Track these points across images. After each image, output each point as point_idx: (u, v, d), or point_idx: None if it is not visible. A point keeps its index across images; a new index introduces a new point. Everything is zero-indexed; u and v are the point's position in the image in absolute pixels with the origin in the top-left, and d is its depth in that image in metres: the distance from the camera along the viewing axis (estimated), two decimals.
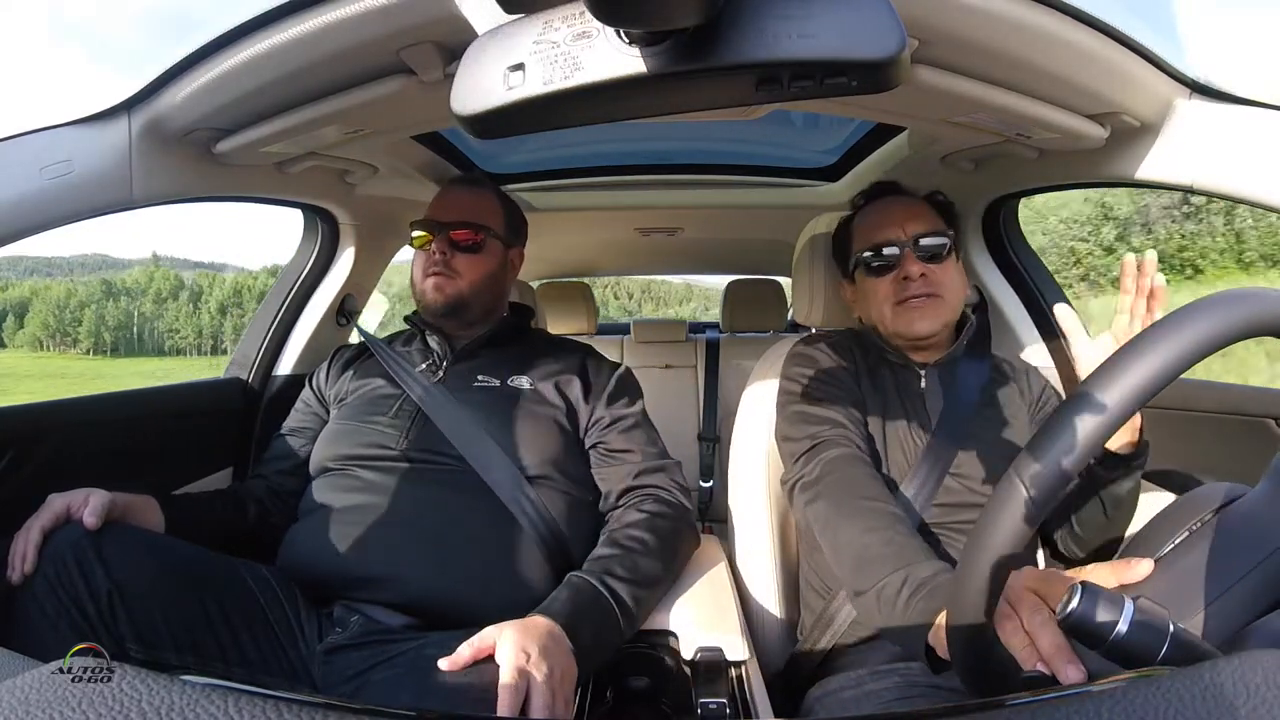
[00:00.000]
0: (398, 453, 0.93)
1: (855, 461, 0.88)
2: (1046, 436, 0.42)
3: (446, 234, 1.06)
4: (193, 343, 69.64)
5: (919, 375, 1.00)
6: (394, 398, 1.00)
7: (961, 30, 0.64)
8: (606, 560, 0.83)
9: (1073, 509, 0.88)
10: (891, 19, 0.33)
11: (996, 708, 0.34)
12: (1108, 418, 0.41)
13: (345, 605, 0.84)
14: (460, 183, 1.14)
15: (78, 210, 0.77)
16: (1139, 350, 0.41)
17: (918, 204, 1.02)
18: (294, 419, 1.10)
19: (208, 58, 0.71)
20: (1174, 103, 0.77)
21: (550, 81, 0.37)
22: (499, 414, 0.97)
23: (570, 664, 0.68)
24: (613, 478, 0.98)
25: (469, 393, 0.99)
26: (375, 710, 0.37)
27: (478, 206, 1.09)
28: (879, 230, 0.99)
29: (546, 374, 1.03)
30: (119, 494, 0.78)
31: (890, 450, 0.94)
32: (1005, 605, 0.54)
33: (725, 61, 0.35)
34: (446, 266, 1.05)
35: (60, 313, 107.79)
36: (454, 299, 1.05)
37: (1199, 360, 0.41)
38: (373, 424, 0.97)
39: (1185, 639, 0.40)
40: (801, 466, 0.91)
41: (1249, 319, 0.41)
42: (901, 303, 0.96)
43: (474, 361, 1.05)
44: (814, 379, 0.99)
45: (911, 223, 0.97)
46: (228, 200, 1.07)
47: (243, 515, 0.96)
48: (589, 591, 0.77)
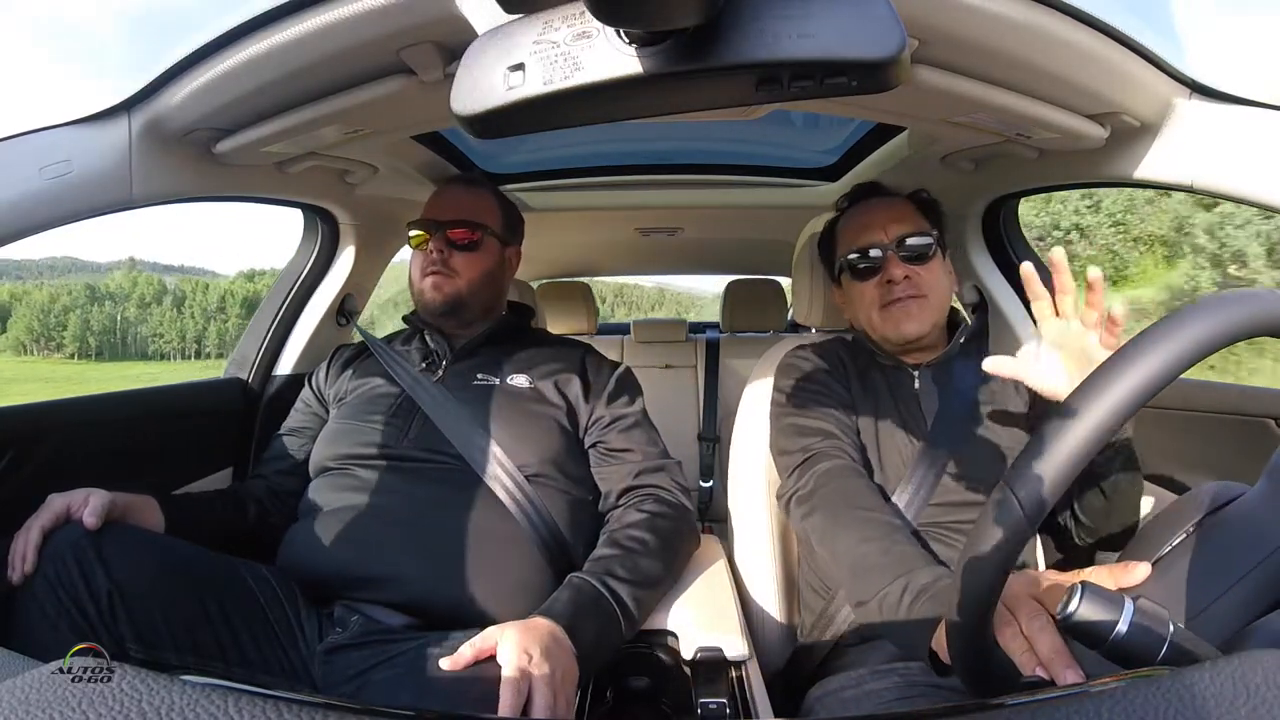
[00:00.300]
0: (397, 452, 0.93)
1: (849, 472, 0.88)
2: (1037, 447, 0.42)
3: (444, 233, 1.06)
4: (176, 347, 69.15)
5: (912, 376, 1.00)
6: (393, 396, 1.00)
7: (961, 30, 0.64)
8: (608, 561, 0.83)
9: (1073, 498, 0.87)
10: (892, 19, 0.33)
11: (996, 708, 0.34)
12: (1096, 429, 0.40)
13: (345, 605, 0.83)
14: (456, 182, 1.15)
15: (78, 210, 0.77)
16: (1129, 358, 0.41)
17: (900, 204, 1.02)
18: (293, 419, 1.10)
19: (208, 58, 0.71)
20: (1174, 103, 0.77)
21: (550, 81, 0.37)
22: (498, 413, 0.97)
23: (572, 665, 0.68)
24: (613, 477, 0.98)
25: (468, 391, 0.99)
26: (376, 710, 0.37)
27: (474, 205, 1.10)
28: (862, 233, 0.99)
29: (546, 373, 1.03)
30: (119, 494, 0.78)
31: (885, 453, 0.94)
32: (1004, 611, 0.54)
33: (725, 61, 0.35)
34: (444, 265, 1.05)
35: (45, 317, 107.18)
36: (452, 298, 1.05)
37: (1191, 366, 0.41)
38: (372, 423, 0.97)
39: (1185, 639, 0.40)
40: (796, 480, 0.91)
41: (1244, 320, 0.41)
42: (886, 306, 0.96)
43: (473, 360, 1.05)
44: (804, 389, 0.99)
45: (894, 224, 0.97)
46: (228, 200, 1.07)
47: (242, 515, 0.96)
48: (590, 592, 0.77)
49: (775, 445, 0.99)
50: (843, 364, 1.03)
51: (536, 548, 0.88)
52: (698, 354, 2.34)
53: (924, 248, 0.96)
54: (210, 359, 70.05)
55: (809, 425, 0.94)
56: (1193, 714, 0.30)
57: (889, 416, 0.96)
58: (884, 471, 0.93)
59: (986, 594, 0.43)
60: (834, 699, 0.82)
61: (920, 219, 0.99)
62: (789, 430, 0.96)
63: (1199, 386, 1.06)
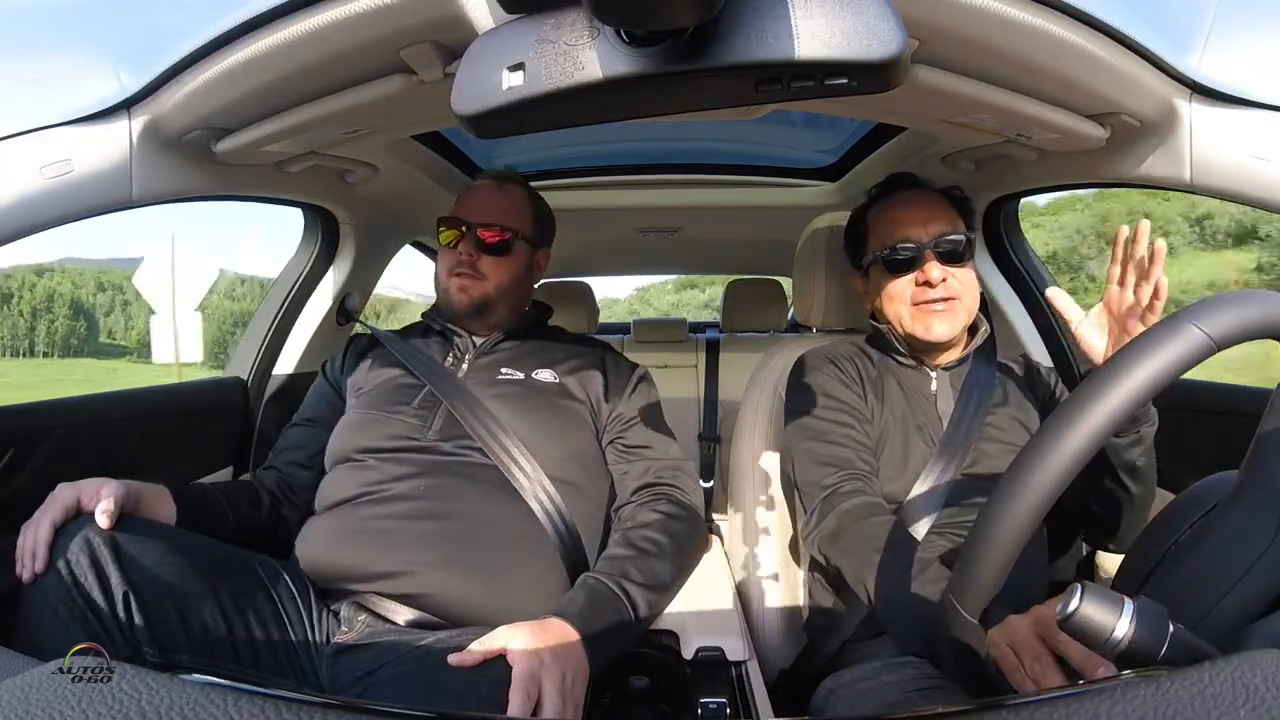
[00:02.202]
0: (422, 444, 0.91)
1: (872, 510, 0.86)
2: (1052, 425, 0.43)
3: (474, 234, 1.03)
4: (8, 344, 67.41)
5: (930, 378, 1.00)
6: (415, 388, 0.98)
7: (961, 30, 0.64)
8: (623, 562, 0.82)
9: (1090, 492, 0.86)
10: (892, 20, 0.33)
11: (996, 708, 0.34)
12: (1109, 416, 0.41)
13: (353, 603, 0.83)
14: (490, 180, 1.10)
15: (78, 210, 0.77)
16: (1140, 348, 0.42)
17: (937, 199, 1.00)
18: (308, 408, 1.08)
19: (207, 57, 0.71)
20: (1174, 103, 0.77)
21: (550, 81, 0.37)
22: (524, 407, 0.95)
23: (582, 668, 0.68)
24: (630, 474, 0.97)
25: (493, 386, 0.98)
26: (378, 710, 0.37)
27: (507, 206, 1.06)
28: (900, 228, 0.97)
29: (570, 369, 1.02)
30: (131, 483, 0.76)
31: (901, 455, 0.94)
32: (1010, 654, 0.54)
33: (725, 61, 0.35)
34: (472, 269, 1.02)
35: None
36: (479, 300, 1.03)
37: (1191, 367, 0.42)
38: (396, 415, 0.95)
39: (1185, 639, 0.40)
40: (818, 519, 0.89)
41: (1247, 321, 0.41)
42: (920, 305, 0.95)
43: (496, 355, 1.03)
44: (820, 404, 0.97)
45: (933, 222, 0.95)
46: (227, 200, 1.07)
47: (255, 508, 0.95)
48: (606, 595, 0.77)
49: (795, 474, 0.97)
50: (857, 368, 1.01)
51: (553, 547, 0.87)
52: (698, 354, 2.34)
53: (962, 248, 0.95)
54: (42, 358, 68.56)
55: (828, 454, 0.93)
56: (1193, 714, 0.30)
57: (906, 419, 0.96)
58: (900, 473, 0.92)
59: (994, 576, 0.44)
60: (849, 690, 0.82)
61: (956, 217, 0.98)
62: (807, 459, 0.94)
63: (1199, 386, 1.06)
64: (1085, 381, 0.46)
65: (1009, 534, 0.45)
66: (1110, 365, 0.45)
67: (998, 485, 0.48)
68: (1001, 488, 0.47)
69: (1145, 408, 0.80)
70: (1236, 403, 1.01)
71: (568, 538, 0.89)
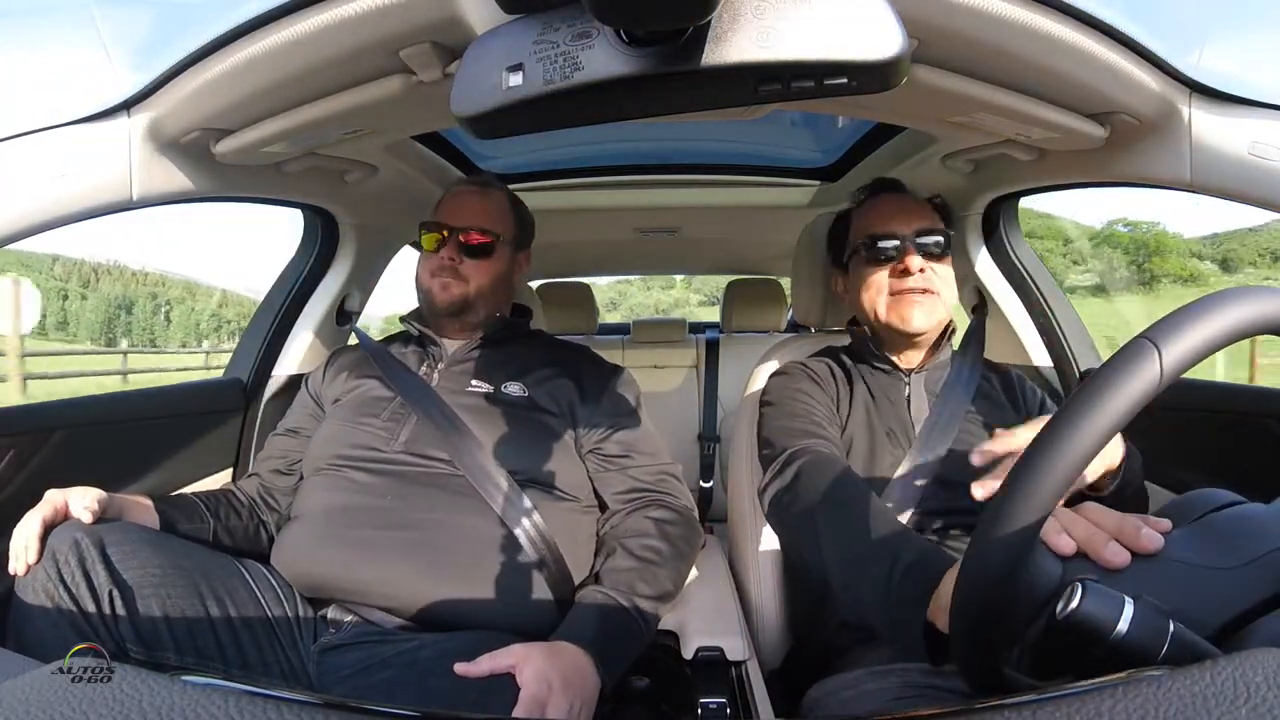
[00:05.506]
0: (388, 455, 0.92)
1: (833, 463, 0.85)
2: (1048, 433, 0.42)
3: (456, 238, 1.04)
4: None
5: (904, 382, 1.00)
6: (387, 400, 1.00)
7: (961, 30, 0.64)
8: (629, 575, 0.82)
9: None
10: (892, 20, 0.33)
11: (996, 708, 0.34)
12: None
13: (341, 606, 0.84)
14: (471, 184, 1.12)
15: (77, 210, 0.77)
16: None
17: (919, 202, 1.03)
18: (289, 419, 1.10)
19: (207, 58, 0.71)
20: (1174, 102, 0.77)
21: (550, 81, 0.37)
22: (490, 420, 0.96)
23: (592, 696, 0.68)
24: (614, 483, 0.98)
25: (461, 397, 0.99)
26: (374, 710, 0.37)
27: (489, 210, 1.08)
28: (881, 222, 0.99)
29: (541, 379, 1.02)
30: (115, 494, 0.78)
31: (872, 459, 0.93)
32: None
33: (725, 61, 0.35)
34: (455, 273, 1.04)
35: None
36: (460, 300, 1.05)
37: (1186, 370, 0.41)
38: (364, 426, 0.96)
39: (1185, 639, 0.40)
40: (776, 472, 0.89)
41: (1245, 321, 0.41)
42: (898, 294, 0.96)
43: (467, 364, 1.04)
44: (791, 398, 0.98)
45: (914, 219, 0.98)
46: (227, 200, 1.07)
47: (236, 515, 0.96)
48: (618, 612, 0.77)
49: (759, 446, 0.98)
50: (832, 374, 1.02)
51: (527, 553, 0.87)
52: (697, 354, 2.34)
53: (941, 244, 0.97)
54: None
55: (794, 426, 0.93)
56: (1193, 713, 0.30)
57: (878, 423, 0.96)
58: (871, 478, 0.92)
59: (1016, 544, 0.41)
60: (832, 700, 0.82)
61: (937, 218, 1.01)
62: (775, 430, 0.95)
63: (1199, 386, 1.06)
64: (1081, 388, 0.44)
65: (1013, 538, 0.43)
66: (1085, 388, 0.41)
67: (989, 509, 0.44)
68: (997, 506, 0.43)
69: (1123, 471, 0.74)
70: (1236, 403, 1.01)
71: (540, 543, 0.88)
